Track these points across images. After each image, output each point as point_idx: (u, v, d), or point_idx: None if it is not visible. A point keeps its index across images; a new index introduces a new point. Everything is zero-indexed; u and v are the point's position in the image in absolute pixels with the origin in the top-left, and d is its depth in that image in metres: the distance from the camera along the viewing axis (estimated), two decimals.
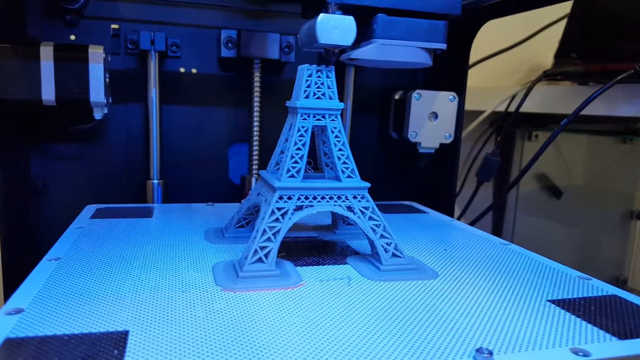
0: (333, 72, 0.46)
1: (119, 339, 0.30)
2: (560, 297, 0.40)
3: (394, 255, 0.45)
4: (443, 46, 0.49)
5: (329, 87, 0.46)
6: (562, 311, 0.37)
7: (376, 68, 0.64)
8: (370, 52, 0.48)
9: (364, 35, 0.48)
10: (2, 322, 0.32)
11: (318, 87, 0.45)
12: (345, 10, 0.46)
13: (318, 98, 0.45)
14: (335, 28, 0.44)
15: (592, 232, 1.09)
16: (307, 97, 0.45)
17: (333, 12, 0.45)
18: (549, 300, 0.39)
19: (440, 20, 0.49)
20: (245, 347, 0.30)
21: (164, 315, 0.34)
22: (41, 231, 0.70)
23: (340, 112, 0.46)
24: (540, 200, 1.07)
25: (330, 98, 0.46)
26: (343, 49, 0.49)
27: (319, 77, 0.45)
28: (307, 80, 0.45)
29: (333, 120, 0.46)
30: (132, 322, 0.33)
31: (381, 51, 0.48)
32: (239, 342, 0.31)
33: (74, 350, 0.29)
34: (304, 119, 0.45)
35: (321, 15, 0.44)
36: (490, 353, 0.30)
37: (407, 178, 0.85)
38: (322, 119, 0.46)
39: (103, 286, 0.38)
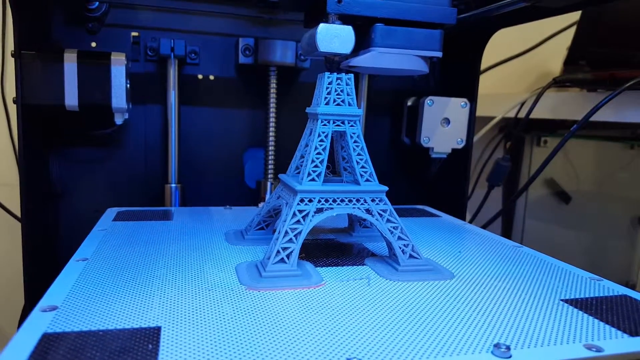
0: (352, 80, 0.47)
1: (152, 335, 0.32)
2: (572, 297, 0.41)
3: (411, 256, 0.46)
4: (439, 54, 0.51)
5: (348, 94, 0.47)
6: (575, 310, 0.38)
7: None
8: (368, 60, 0.49)
9: (362, 43, 0.49)
10: (39, 318, 0.33)
11: (338, 94, 0.47)
12: (345, 20, 0.47)
13: (338, 105, 0.47)
14: (334, 37, 0.46)
15: (600, 238, 1.10)
16: (327, 103, 0.46)
17: (333, 22, 0.47)
18: (562, 300, 0.40)
19: (436, 30, 0.50)
20: (272, 343, 0.31)
21: (193, 312, 0.35)
22: (60, 233, 0.72)
23: (359, 118, 0.47)
24: (549, 205, 1.07)
25: (350, 105, 0.47)
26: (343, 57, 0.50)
27: (338, 84, 0.47)
28: (327, 88, 0.46)
29: (352, 126, 0.47)
30: (163, 319, 0.34)
31: (379, 59, 0.49)
32: (266, 338, 0.32)
33: (110, 345, 0.30)
34: (324, 124, 0.46)
35: (321, 25, 0.46)
36: (508, 348, 0.31)
37: (420, 182, 0.86)
38: (341, 124, 0.47)
39: (131, 285, 0.40)
